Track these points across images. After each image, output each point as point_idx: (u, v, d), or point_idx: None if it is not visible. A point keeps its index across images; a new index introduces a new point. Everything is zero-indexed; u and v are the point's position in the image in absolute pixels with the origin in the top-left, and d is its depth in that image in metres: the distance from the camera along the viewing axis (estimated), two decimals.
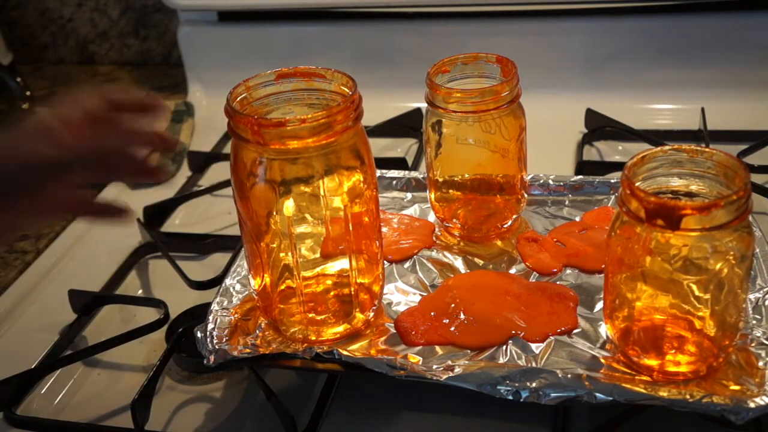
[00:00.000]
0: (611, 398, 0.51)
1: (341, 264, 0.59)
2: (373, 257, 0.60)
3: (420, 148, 0.94)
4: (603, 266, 0.56)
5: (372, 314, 0.61)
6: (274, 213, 0.55)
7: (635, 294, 0.52)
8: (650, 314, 0.53)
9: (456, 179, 0.71)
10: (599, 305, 0.60)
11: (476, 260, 0.68)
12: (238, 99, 0.56)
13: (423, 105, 0.69)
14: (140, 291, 0.77)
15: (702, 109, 0.92)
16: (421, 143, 0.95)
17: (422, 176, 0.78)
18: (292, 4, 1.07)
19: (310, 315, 0.60)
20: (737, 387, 0.51)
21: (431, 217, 0.74)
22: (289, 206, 0.55)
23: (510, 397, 0.52)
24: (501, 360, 0.56)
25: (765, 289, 0.59)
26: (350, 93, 0.54)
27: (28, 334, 0.73)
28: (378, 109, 0.88)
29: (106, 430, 0.61)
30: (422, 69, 0.68)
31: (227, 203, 0.88)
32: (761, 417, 0.50)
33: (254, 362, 0.58)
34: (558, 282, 0.64)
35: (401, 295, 0.64)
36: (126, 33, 1.29)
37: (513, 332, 0.58)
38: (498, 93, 0.64)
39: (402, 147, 0.98)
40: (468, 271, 0.66)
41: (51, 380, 0.66)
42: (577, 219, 0.72)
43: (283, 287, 0.59)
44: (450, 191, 0.71)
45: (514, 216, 0.71)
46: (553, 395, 0.52)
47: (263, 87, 0.57)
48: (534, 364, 0.55)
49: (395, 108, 0.99)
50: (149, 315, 0.70)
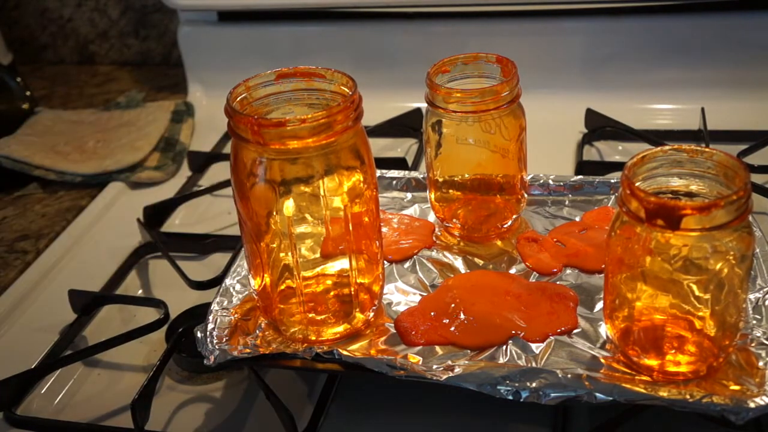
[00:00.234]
0: (611, 398, 0.51)
1: (341, 264, 0.59)
2: (373, 257, 0.60)
3: (420, 148, 0.94)
4: (603, 266, 0.56)
5: (372, 314, 0.61)
6: (274, 213, 0.55)
7: (635, 294, 0.52)
8: (650, 314, 0.53)
9: (456, 179, 0.71)
10: (599, 305, 0.60)
11: (476, 260, 0.68)
12: (238, 99, 0.56)
13: (423, 105, 0.69)
14: (140, 291, 0.77)
15: (702, 109, 0.92)
16: (421, 143, 0.95)
17: (422, 176, 0.78)
18: (292, 4, 1.07)
19: (310, 315, 0.60)
20: (737, 387, 0.51)
21: (431, 217, 0.74)
22: (289, 206, 0.55)
23: (510, 397, 0.52)
24: (501, 360, 0.56)
25: (765, 289, 0.59)
26: (350, 93, 0.54)
27: (28, 334, 0.73)
28: (378, 109, 0.89)
29: (106, 430, 0.61)
30: (422, 69, 0.68)
31: (227, 203, 0.88)
32: (761, 417, 0.50)
33: (254, 362, 0.58)
34: (558, 282, 0.64)
35: (401, 295, 0.64)
36: (126, 33, 1.30)
37: (513, 332, 0.58)
38: (498, 93, 0.64)
39: (402, 147, 0.98)
40: (468, 271, 0.66)
41: (51, 380, 0.66)
42: (577, 219, 0.72)
43: (283, 287, 0.59)
44: (450, 191, 0.71)
45: (514, 216, 0.71)
46: (553, 395, 0.52)
47: (263, 87, 0.57)
48: (534, 364, 0.55)
49: (395, 108, 0.99)
50: (149, 315, 0.70)
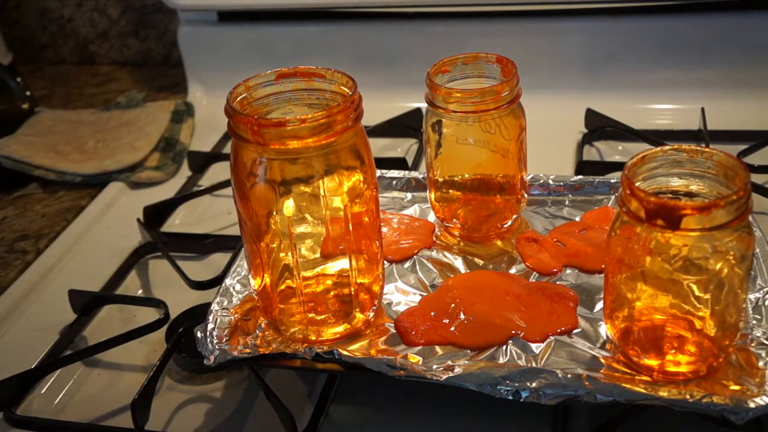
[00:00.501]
0: (611, 398, 0.51)
1: (341, 264, 0.59)
2: (373, 257, 0.60)
3: (420, 148, 0.94)
4: (603, 266, 0.56)
5: (372, 314, 0.61)
6: (274, 213, 0.55)
7: (635, 294, 0.52)
8: (650, 314, 0.53)
9: (456, 179, 0.70)
10: (599, 305, 0.60)
11: (476, 260, 0.68)
12: (238, 99, 0.56)
13: (423, 105, 0.69)
14: (140, 291, 0.77)
15: (702, 109, 0.92)
16: (421, 143, 0.95)
17: (422, 176, 0.78)
18: (292, 4, 1.07)
19: (310, 315, 0.60)
20: (737, 387, 0.51)
21: (431, 217, 0.74)
22: (289, 206, 0.55)
23: (510, 397, 0.52)
24: (501, 360, 0.56)
25: (765, 289, 0.59)
26: (350, 93, 0.54)
27: (28, 334, 0.73)
28: (378, 109, 0.88)
29: (106, 430, 0.61)
30: (422, 69, 0.68)
31: (227, 203, 0.88)
32: (761, 417, 0.50)
33: (254, 362, 0.58)
34: (558, 282, 0.64)
35: (401, 295, 0.64)
36: (126, 33, 1.30)
37: (513, 332, 0.58)
38: (498, 93, 0.64)
39: (402, 147, 0.98)
40: (468, 271, 0.66)
41: (51, 380, 0.66)
42: (577, 219, 0.72)
43: (283, 287, 0.59)
44: (450, 191, 0.71)
45: (514, 216, 0.71)
46: (553, 395, 0.52)
47: (263, 87, 0.57)
48: (534, 364, 0.55)
49: (395, 108, 0.99)
50: (149, 315, 0.70)
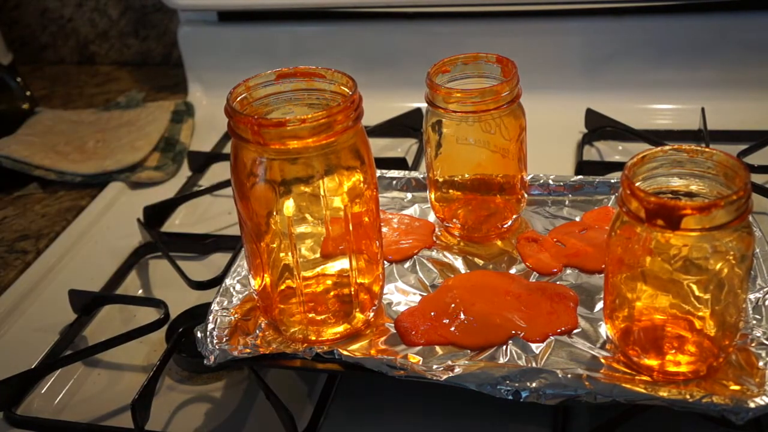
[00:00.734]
0: (611, 398, 0.51)
1: (341, 264, 0.59)
2: (373, 257, 0.60)
3: (420, 148, 0.94)
4: (603, 266, 0.56)
5: (372, 314, 0.61)
6: (274, 213, 0.55)
7: (635, 294, 0.52)
8: (650, 314, 0.53)
9: (456, 179, 0.70)
10: (599, 305, 0.60)
11: (476, 260, 0.68)
12: (238, 99, 0.56)
13: (423, 105, 0.69)
14: (140, 291, 0.77)
15: (702, 109, 0.92)
16: (421, 143, 0.95)
17: (422, 176, 0.78)
18: (292, 4, 1.07)
19: (310, 315, 0.60)
20: (737, 387, 0.51)
21: (431, 217, 0.74)
22: (289, 206, 0.55)
23: (510, 397, 0.52)
24: (501, 360, 0.56)
25: (765, 289, 0.59)
26: (350, 93, 0.54)
27: (28, 334, 0.73)
28: (378, 109, 0.88)
29: (106, 430, 0.61)
30: (422, 69, 0.68)
31: (227, 203, 0.88)
32: (761, 417, 0.50)
33: (254, 362, 0.58)
34: (558, 282, 0.64)
35: (401, 295, 0.64)
36: (126, 33, 1.30)
37: (513, 332, 0.58)
38: (498, 93, 0.64)
39: (402, 147, 0.98)
40: (468, 271, 0.66)
41: (51, 380, 0.66)
42: (577, 219, 0.72)
43: (283, 287, 0.59)
44: (450, 191, 0.71)
45: (514, 216, 0.71)
46: (553, 395, 0.52)
47: (263, 87, 0.57)
48: (534, 364, 0.55)
49: (395, 108, 0.99)
50: (149, 315, 0.70)
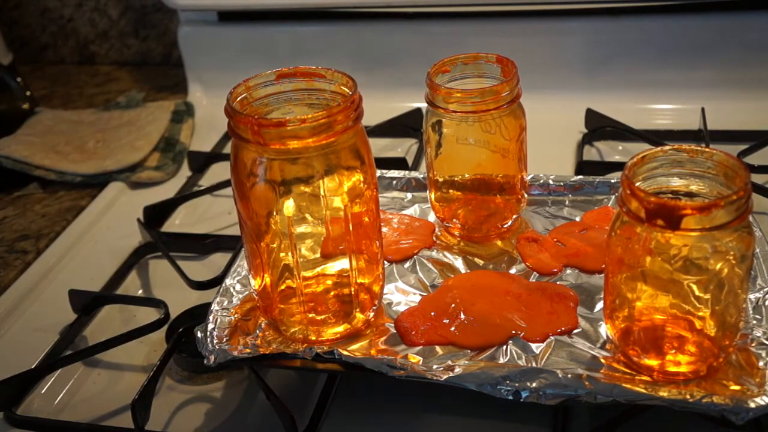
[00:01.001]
0: (611, 398, 0.51)
1: (341, 264, 0.59)
2: (374, 257, 0.60)
3: (420, 148, 0.94)
4: (603, 266, 0.56)
5: (372, 314, 0.61)
6: (274, 213, 0.55)
7: (635, 294, 0.52)
8: (650, 314, 0.53)
9: (456, 179, 0.70)
10: (599, 305, 0.60)
11: (476, 260, 0.68)
12: (238, 99, 0.56)
13: (423, 105, 0.69)
14: (140, 291, 0.77)
15: (702, 109, 0.92)
16: (421, 143, 0.95)
17: (422, 176, 0.78)
18: (292, 4, 1.07)
19: (311, 315, 0.60)
20: (737, 387, 0.51)
21: (431, 217, 0.74)
22: (289, 206, 0.55)
23: (510, 397, 0.52)
24: (501, 360, 0.56)
25: (765, 289, 0.59)
26: (350, 93, 0.54)
27: (28, 334, 0.73)
28: (378, 109, 0.89)
29: (106, 430, 0.61)
30: (422, 69, 0.68)
31: (227, 203, 0.88)
32: (761, 417, 0.50)
33: (254, 362, 0.58)
34: (558, 282, 0.64)
35: (401, 295, 0.64)
36: (126, 33, 1.30)
37: (513, 332, 0.58)
38: (498, 93, 0.64)
39: (402, 147, 0.98)
40: (468, 271, 0.66)
41: (51, 380, 0.66)
42: (578, 219, 0.72)
43: (283, 287, 0.59)
44: (450, 191, 0.71)
45: (514, 216, 0.71)
46: (553, 395, 0.52)
47: (263, 87, 0.57)
48: (534, 364, 0.55)
49: (395, 108, 0.99)
50: (149, 315, 0.70)
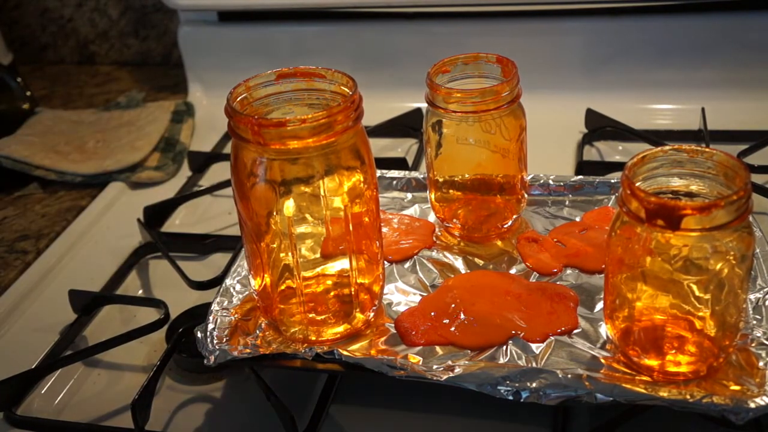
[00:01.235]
0: (611, 398, 0.51)
1: (341, 264, 0.59)
2: (374, 257, 0.60)
3: (420, 148, 0.94)
4: (603, 266, 0.56)
5: (372, 314, 0.61)
6: (275, 213, 0.55)
7: (635, 294, 0.52)
8: (650, 314, 0.53)
9: (456, 179, 0.70)
10: (599, 305, 0.60)
11: (476, 260, 0.68)
12: (239, 99, 0.56)
13: (423, 105, 0.69)
14: (140, 291, 0.77)
15: (702, 109, 0.92)
16: (421, 143, 0.95)
17: (422, 176, 0.78)
18: (292, 4, 1.07)
19: (311, 315, 0.60)
20: (737, 387, 0.51)
21: (431, 218, 0.74)
22: (290, 206, 0.55)
23: (510, 398, 0.52)
24: (501, 360, 0.56)
25: (765, 289, 0.59)
26: (350, 93, 0.54)
27: (28, 334, 0.73)
28: (378, 109, 0.88)
29: (106, 430, 0.61)
30: (422, 69, 0.68)
31: (227, 203, 0.88)
32: (761, 417, 0.50)
33: (254, 362, 0.58)
34: (558, 282, 0.64)
35: (401, 296, 0.64)
36: (126, 33, 1.29)
37: (513, 332, 0.58)
38: (498, 93, 0.64)
39: (402, 147, 0.98)
40: (468, 272, 0.66)
41: (51, 380, 0.66)
42: (578, 219, 0.72)
43: (284, 287, 0.59)
44: (450, 191, 0.71)
45: (515, 216, 0.71)
46: (553, 395, 0.52)
47: (263, 87, 0.57)
48: (534, 364, 0.55)
49: (395, 108, 0.99)
50: (149, 315, 0.70)
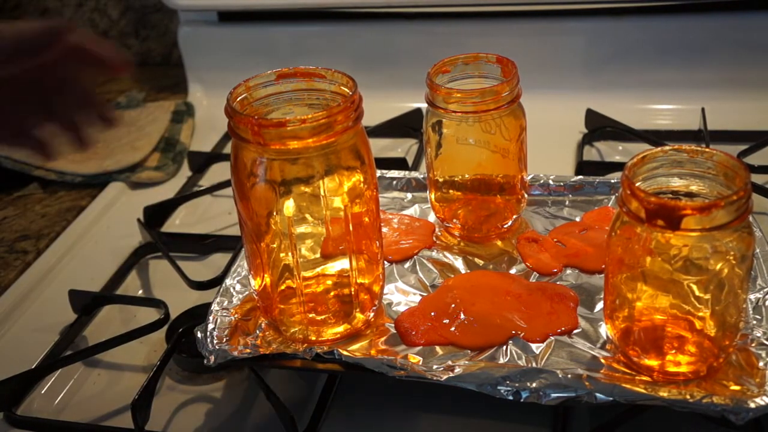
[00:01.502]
0: (611, 398, 0.51)
1: (341, 264, 0.59)
2: (374, 257, 0.60)
3: (420, 149, 0.94)
4: (603, 266, 0.56)
5: (372, 314, 0.61)
6: (275, 213, 0.55)
7: (635, 294, 0.52)
8: (650, 314, 0.53)
9: (456, 179, 0.70)
10: (599, 305, 0.60)
11: (476, 260, 0.68)
12: (239, 99, 0.56)
13: (423, 105, 0.69)
14: (140, 291, 0.77)
15: (702, 109, 0.92)
16: (421, 143, 0.95)
17: (422, 176, 0.78)
18: (292, 4, 1.07)
19: (311, 315, 0.60)
20: (737, 387, 0.51)
21: (431, 218, 0.74)
22: (290, 206, 0.55)
23: (510, 398, 0.52)
24: (501, 360, 0.56)
25: (765, 290, 0.59)
26: (350, 93, 0.54)
27: (28, 334, 0.73)
28: (378, 109, 0.88)
29: (106, 430, 0.61)
30: (422, 69, 0.68)
31: (227, 203, 0.88)
32: (761, 417, 0.50)
33: (254, 362, 0.58)
34: (558, 282, 0.64)
35: (401, 296, 0.64)
36: (126, 33, 1.29)
37: (513, 332, 0.58)
38: (498, 93, 0.64)
39: (402, 147, 0.98)
40: (468, 272, 0.66)
41: (51, 380, 0.66)
42: (578, 219, 0.72)
43: (284, 287, 0.59)
44: (450, 191, 0.71)
45: (515, 216, 0.71)
46: (554, 395, 0.52)
47: (263, 87, 0.57)
48: (534, 365, 0.55)
49: (395, 108, 0.99)
50: (149, 315, 0.70)
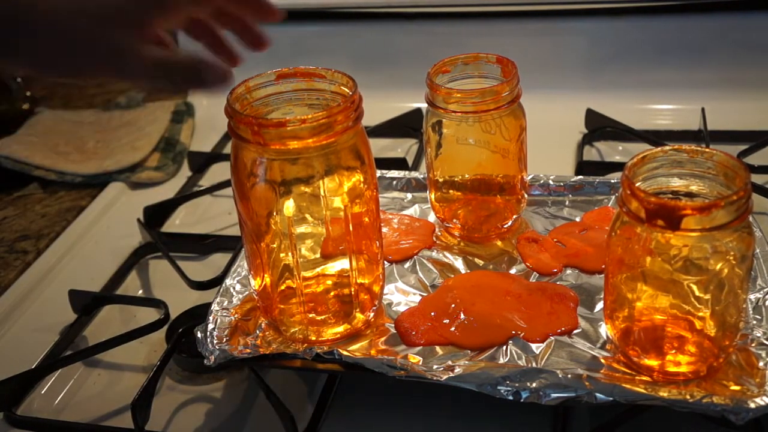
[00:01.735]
0: (611, 398, 0.51)
1: (341, 264, 0.59)
2: (374, 257, 0.60)
3: (420, 149, 0.94)
4: (603, 266, 0.56)
5: (372, 314, 0.61)
6: (275, 213, 0.55)
7: (635, 294, 0.52)
8: (650, 314, 0.53)
9: (456, 179, 0.71)
10: (599, 305, 0.60)
11: (476, 260, 0.68)
12: (239, 99, 0.56)
13: (423, 105, 0.69)
14: (140, 291, 0.77)
15: (702, 110, 0.92)
16: (421, 143, 0.95)
17: (422, 176, 0.78)
18: (292, 4, 1.07)
19: (311, 315, 0.60)
20: (737, 387, 0.51)
21: (431, 218, 0.74)
22: (290, 206, 0.55)
23: (510, 398, 0.52)
24: (501, 360, 0.56)
25: (765, 290, 0.59)
26: (350, 93, 0.54)
27: (28, 334, 0.73)
28: (378, 110, 0.88)
29: (106, 430, 0.61)
30: (422, 69, 0.68)
31: (227, 203, 0.88)
32: (761, 417, 0.50)
33: (254, 362, 0.58)
34: (558, 282, 0.64)
35: (401, 296, 0.64)
36: None
37: (513, 332, 0.58)
38: (498, 93, 0.64)
39: (402, 147, 0.98)
40: (468, 272, 0.66)
41: (51, 380, 0.66)
42: (578, 219, 0.72)
43: (284, 287, 0.59)
44: (450, 191, 0.71)
45: (515, 216, 0.71)
46: (554, 395, 0.52)
47: (263, 87, 0.57)
48: (534, 365, 0.55)
49: (395, 108, 0.99)
50: (149, 315, 0.70)
